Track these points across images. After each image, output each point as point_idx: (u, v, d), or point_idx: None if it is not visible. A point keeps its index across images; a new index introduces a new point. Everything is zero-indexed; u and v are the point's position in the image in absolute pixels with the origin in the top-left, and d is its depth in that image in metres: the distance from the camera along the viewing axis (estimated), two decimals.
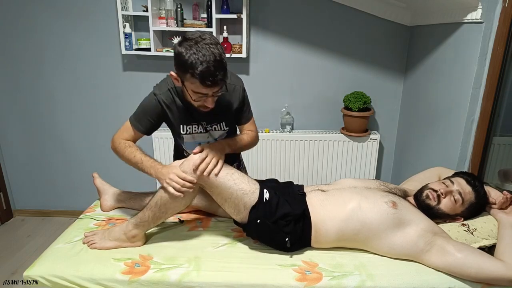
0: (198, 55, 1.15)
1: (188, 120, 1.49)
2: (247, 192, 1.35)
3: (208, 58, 1.16)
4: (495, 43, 1.67)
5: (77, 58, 2.61)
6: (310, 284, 1.23)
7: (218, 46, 1.19)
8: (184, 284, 1.25)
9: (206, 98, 1.28)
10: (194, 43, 1.17)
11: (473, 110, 1.78)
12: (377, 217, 1.31)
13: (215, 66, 1.17)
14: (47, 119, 2.76)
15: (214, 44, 1.18)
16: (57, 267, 1.30)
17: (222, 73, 1.20)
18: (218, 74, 1.19)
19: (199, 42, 1.17)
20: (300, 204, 1.39)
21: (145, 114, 1.46)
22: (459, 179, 1.44)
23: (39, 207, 3.01)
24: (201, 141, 1.55)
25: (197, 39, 1.18)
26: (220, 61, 1.18)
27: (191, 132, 1.52)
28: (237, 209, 1.37)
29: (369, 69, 2.59)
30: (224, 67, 1.21)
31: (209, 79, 1.18)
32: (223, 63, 1.20)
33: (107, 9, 2.48)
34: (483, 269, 1.18)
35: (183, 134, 1.52)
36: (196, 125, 1.50)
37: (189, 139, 1.55)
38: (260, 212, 1.34)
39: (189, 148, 1.58)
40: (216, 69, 1.18)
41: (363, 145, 2.60)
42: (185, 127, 1.50)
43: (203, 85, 1.20)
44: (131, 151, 1.44)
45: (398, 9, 2.41)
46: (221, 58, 1.19)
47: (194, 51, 1.16)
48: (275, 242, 1.38)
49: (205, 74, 1.17)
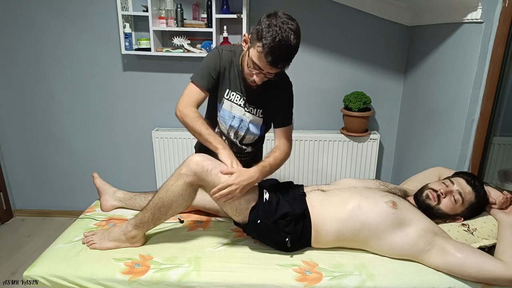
0: (278, 34, 1.23)
1: (235, 87, 1.51)
2: (246, 194, 1.35)
3: (284, 42, 1.23)
4: (495, 43, 1.67)
5: (77, 58, 2.61)
6: (310, 284, 1.23)
7: (297, 35, 1.27)
8: (184, 284, 1.25)
9: (258, 73, 1.33)
10: (281, 23, 1.24)
11: (473, 110, 1.78)
12: (377, 217, 1.31)
13: (287, 52, 1.26)
14: (47, 119, 2.76)
15: (294, 31, 1.26)
16: (57, 267, 1.30)
17: (287, 59, 1.28)
18: (283, 61, 1.28)
19: (286, 23, 1.24)
20: (300, 204, 1.39)
21: (208, 68, 1.47)
22: (459, 179, 1.44)
23: (39, 207, 3.01)
24: (235, 115, 1.56)
25: (285, 21, 1.25)
26: (291, 50, 1.26)
27: (232, 100, 1.53)
28: (237, 210, 1.37)
29: (369, 69, 2.59)
30: (291, 57, 1.29)
31: (275, 60, 1.26)
32: (293, 53, 1.28)
33: (107, 9, 2.48)
34: (483, 269, 1.18)
35: (225, 99, 1.53)
36: (239, 95, 1.52)
37: (227, 107, 1.55)
38: (260, 212, 1.34)
39: (223, 117, 1.57)
40: (285, 56, 1.27)
41: (363, 145, 2.60)
42: (230, 92, 1.52)
43: (266, 60, 1.26)
44: (204, 122, 1.43)
45: (398, 9, 2.41)
46: (294, 48, 1.27)
47: (277, 29, 1.23)
48: (275, 242, 1.38)
49: (274, 53, 1.24)
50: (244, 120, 1.56)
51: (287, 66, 1.31)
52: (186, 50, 2.44)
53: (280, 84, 1.49)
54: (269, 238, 1.38)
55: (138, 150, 2.79)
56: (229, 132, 1.60)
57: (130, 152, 2.81)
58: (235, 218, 1.41)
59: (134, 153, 2.80)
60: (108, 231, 1.43)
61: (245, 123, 1.57)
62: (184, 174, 1.31)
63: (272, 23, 1.24)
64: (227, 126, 1.58)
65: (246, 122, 1.56)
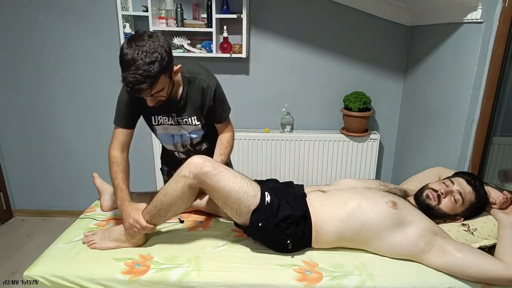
0: (128, 57, 1.20)
1: (158, 111, 1.52)
2: (249, 196, 1.33)
3: (136, 65, 1.19)
4: (495, 43, 1.67)
5: (77, 58, 2.61)
6: (310, 284, 1.23)
7: (156, 54, 1.22)
8: (184, 284, 1.25)
9: (145, 97, 1.33)
10: (135, 45, 1.21)
11: (473, 110, 1.78)
12: (377, 217, 1.31)
13: (141, 75, 1.20)
14: (47, 119, 2.76)
15: (150, 51, 1.21)
16: (57, 267, 1.30)
17: (148, 84, 1.23)
18: (140, 85, 1.22)
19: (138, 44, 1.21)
20: (300, 205, 1.39)
21: (121, 108, 1.50)
22: (459, 179, 1.44)
23: (39, 207, 3.01)
24: (174, 134, 1.60)
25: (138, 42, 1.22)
26: (147, 71, 1.21)
27: (163, 123, 1.56)
28: (238, 212, 1.35)
29: (369, 69, 2.59)
30: (152, 76, 1.22)
31: (129, 87, 1.23)
32: (150, 73, 1.21)
33: (107, 9, 2.48)
34: (483, 269, 1.18)
35: (155, 125, 1.57)
36: (167, 116, 1.54)
37: (161, 131, 1.59)
38: (261, 215, 1.33)
39: (163, 140, 1.66)
40: (139, 81, 1.21)
41: (363, 145, 2.60)
42: (157, 118, 1.55)
43: (127, 89, 1.26)
44: (116, 170, 1.50)
45: (398, 9, 2.41)
46: (149, 68, 1.21)
47: (129, 51, 1.20)
48: (276, 244, 1.37)
49: (127, 81, 1.22)
50: (184, 134, 1.61)
51: (152, 86, 1.26)
52: (186, 50, 2.44)
53: (198, 89, 1.49)
54: (270, 240, 1.37)
55: (138, 150, 2.78)
56: (176, 147, 1.67)
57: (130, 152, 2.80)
58: (236, 220, 1.40)
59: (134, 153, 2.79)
60: (109, 231, 1.43)
61: (186, 136, 1.62)
62: (184, 177, 1.30)
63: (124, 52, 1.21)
64: (171, 145, 1.66)
65: (186, 134, 1.61)
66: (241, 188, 1.33)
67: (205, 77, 1.50)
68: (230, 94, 2.76)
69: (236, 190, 1.31)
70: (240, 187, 1.33)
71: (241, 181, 1.34)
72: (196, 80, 1.48)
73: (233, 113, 1.66)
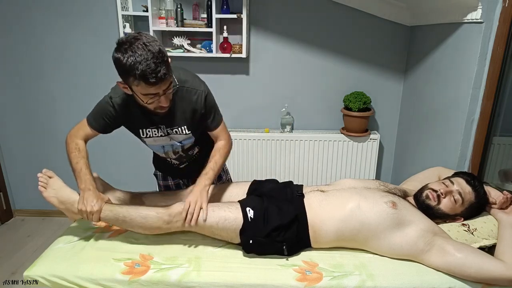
0: (135, 56, 1.15)
1: (146, 124, 1.47)
2: (230, 221, 1.36)
3: (145, 56, 1.15)
4: (495, 43, 1.67)
5: (77, 58, 2.60)
6: (310, 284, 1.23)
7: (156, 43, 1.20)
8: (184, 284, 1.25)
9: (159, 98, 1.27)
10: (129, 45, 1.17)
11: (473, 110, 1.78)
12: (377, 217, 1.31)
13: (155, 62, 1.17)
14: (47, 119, 2.76)
15: (150, 42, 1.18)
16: (57, 267, 1.30)
17: (165, 67, 1.19)
18: (160, 69, 1.18)
19: (133, 43, 1.17)
20: (295, 207, 1.39)
21: (101, 114, 1.46)
22: (459, 179, 1.44)
23: (39, 207, 3.01)
24: (164, 144, 1.55)
25: (131, 41, 1.18)
26: (158, 57, 1.17)
27: (151, 136, 1.50)
28: (229, 237, 1.39)
29: (369, 69, 2.59)
30: (165, 61, 1.21)
31: (152, 76, 1.17)
32: (163, 58, 1.19)
33: (107, 9, 2.48)
34: (483, 269, 1.18)
35: (144, 138, 1.52)
36: (156, 129, 1.48)
37: (151, 142, 1.54)
38: (249, 232, 1.35)
39: (154, 149, 1.62)
40: (157, 65, 1.17)
41: (363, 145, 2.60)
42: (144, 131, 1.49)
43: (148, 84, 1.19)
44: (77, 156, 1.46)
45: (398, 9, 2.41)
46: (159, 54, 1.18)
47: (130, 53, 1.16)
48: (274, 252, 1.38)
49: (146, 72, 1.16)
50: (174, 144, 1.56)
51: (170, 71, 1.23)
52: (186, 50, 2.44)
53: (186, 95, 1.43)
54: (268, 251, 1.37)
55: (138, 150, 2.78)
56: (168, 155, 1.63)
57: (130, 152, 2.81)
58: (233, 242, 1.42)
59: (134, 153, 2.80)
60: (62, 191, 1.53)
61: (176, 145, 1.57)
62: (164, 221, 1.36)
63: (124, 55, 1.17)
64: (163, 153, 1.62)
65: (176, 144, 1.56)
66: (220, 218, 1.36)
67: (192, 84, 1.43)
68: (230, 94, 2.78)
69: (216, 222, 1.35)
70: (219, 218, 1.36)
71: (218, 211, 1.37)
72: (184, 88, 1.42)
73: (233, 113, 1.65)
